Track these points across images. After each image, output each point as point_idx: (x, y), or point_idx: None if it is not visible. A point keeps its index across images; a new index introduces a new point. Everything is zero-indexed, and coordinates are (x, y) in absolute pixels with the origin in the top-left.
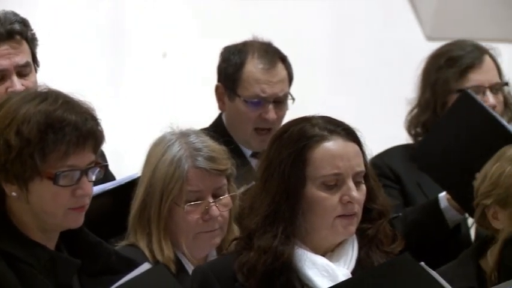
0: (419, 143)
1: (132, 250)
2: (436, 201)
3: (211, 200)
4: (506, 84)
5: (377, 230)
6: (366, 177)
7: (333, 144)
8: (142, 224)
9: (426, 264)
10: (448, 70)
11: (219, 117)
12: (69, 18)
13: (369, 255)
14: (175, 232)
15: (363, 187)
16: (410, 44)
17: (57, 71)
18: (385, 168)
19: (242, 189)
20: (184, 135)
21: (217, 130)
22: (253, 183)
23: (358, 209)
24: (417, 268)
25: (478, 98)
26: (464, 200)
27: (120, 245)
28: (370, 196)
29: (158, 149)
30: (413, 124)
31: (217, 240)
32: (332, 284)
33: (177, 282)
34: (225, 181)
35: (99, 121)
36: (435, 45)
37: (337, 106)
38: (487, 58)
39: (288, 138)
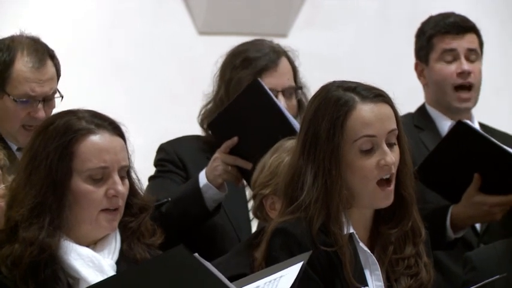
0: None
1: None
2: (197, 179)
3: None
4: (300, 88)
5: (139, 224)
6: (128, 172)
7: (99, 138)
8: None
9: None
10: (243, 71)
11: None
12: None
13: (131, 247)
14: None
15: (127, 182)
16: (182, 38)
17: None
18: (172, 154)
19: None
20: None
21: None
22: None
23: (122, 203)
24: (191, 260)
25: (266, 87)
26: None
27: None
28: (131, 191)
29: None
30: (206, 118)
31: None
32: (98, 273)
33: None
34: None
35: None
36: (207, 40)
37: (108, 100)
38: (283, 61)
39: (54, 131)
